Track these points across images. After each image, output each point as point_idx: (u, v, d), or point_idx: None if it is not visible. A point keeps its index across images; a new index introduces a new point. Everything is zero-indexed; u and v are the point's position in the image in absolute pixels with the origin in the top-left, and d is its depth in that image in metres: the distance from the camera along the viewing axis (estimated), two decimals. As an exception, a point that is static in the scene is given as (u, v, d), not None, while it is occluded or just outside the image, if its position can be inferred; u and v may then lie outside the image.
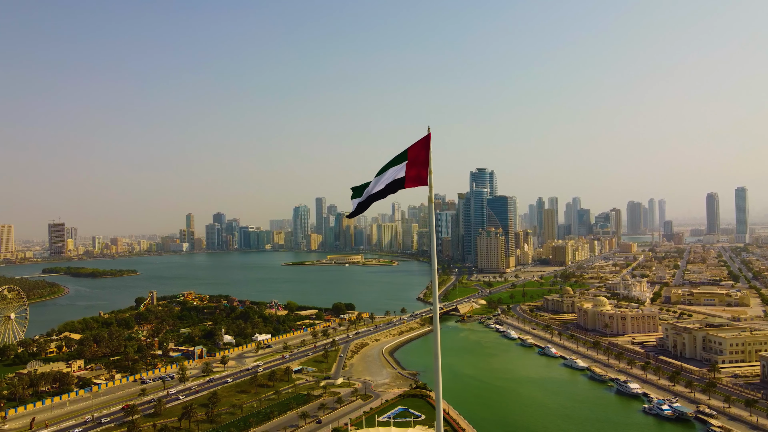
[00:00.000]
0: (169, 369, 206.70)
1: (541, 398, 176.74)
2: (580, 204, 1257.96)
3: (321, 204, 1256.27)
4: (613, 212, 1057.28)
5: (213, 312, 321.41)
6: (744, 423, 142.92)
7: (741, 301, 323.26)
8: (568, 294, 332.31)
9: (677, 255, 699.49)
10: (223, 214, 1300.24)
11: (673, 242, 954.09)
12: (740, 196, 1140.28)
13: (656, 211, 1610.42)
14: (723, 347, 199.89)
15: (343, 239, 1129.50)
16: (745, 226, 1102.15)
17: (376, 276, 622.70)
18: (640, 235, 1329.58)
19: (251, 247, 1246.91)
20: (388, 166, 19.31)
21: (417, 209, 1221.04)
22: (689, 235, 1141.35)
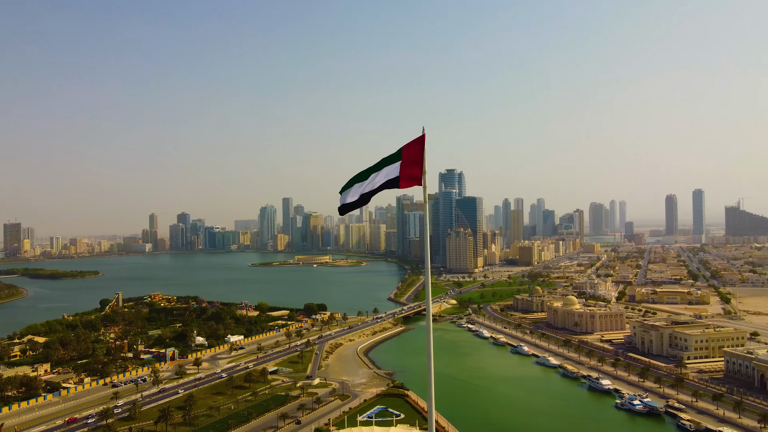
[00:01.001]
0: (140, 372, 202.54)
1: (517, 396, 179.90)
2: (544, 205, 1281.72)
3: (288, 204, 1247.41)
4: (576, 213, 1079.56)
5: (183, 313, 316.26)
6: (711, 416, 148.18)
7: (702, 299, 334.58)
8: (538, 293, 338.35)
9: (638, 255, 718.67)
10: (187, 215, 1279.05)
11: (634, 243, 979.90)
12: (697, 198, 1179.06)
13: (617, 212, 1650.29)
14: (689, 344, 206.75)
15: (310, 240, 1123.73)
16: (702, 227, 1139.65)
17: (346, 276, 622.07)
18: (602, 235, 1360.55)
19: (217, 247, 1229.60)
20: (381, 164, 19.03)
21: (384, 210, 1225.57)
22: (649, 235, 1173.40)
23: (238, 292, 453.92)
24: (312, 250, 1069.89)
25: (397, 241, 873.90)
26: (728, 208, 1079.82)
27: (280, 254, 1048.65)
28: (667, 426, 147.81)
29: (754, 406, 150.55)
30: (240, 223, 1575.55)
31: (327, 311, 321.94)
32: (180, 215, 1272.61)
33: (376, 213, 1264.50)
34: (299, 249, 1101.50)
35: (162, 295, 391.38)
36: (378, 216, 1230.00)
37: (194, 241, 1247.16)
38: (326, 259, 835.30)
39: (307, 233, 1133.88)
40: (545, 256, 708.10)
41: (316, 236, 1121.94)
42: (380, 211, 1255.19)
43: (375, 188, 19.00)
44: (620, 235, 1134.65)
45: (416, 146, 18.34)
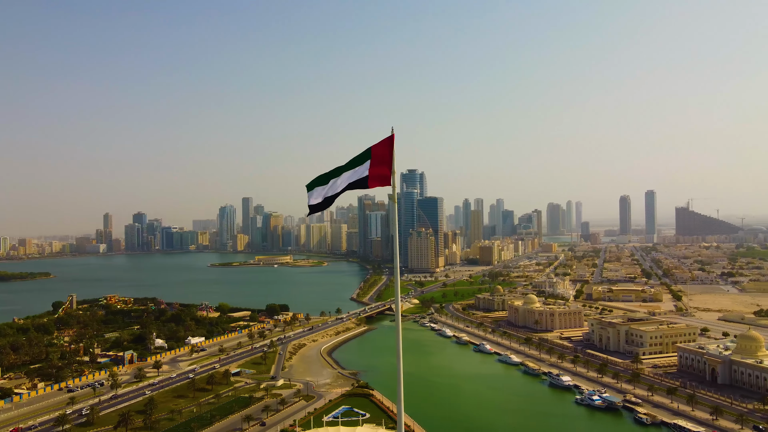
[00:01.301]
0: (97, 376, 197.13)
1: (481, 393, 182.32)
2: (503, 206, 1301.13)
3: (248, 204, 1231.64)
4: (534, 213, 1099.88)
5: (141, 315, 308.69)
6: (666, 409, 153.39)
7: (655, 297, 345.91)
8: (499, 292, 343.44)
9: (594, 254, 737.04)
10: (144, 214, 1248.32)
11: (590, 242, 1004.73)
12: (650, 199, 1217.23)
13: (573, 212, 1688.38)
14: (644, 340, 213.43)
15: (270, 240, 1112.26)
16: (654, 227, 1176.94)
17: (307, 277, 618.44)
18: (559, 235, 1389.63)
19: (175, 248, 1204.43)
20: (350, 164, 19.03)
21: (346, 210, 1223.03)
22: (604, 235, 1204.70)
23: (197, 293, 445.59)
24: (272, 250, 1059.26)
25: (359, 241, 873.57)
26: (678, 209, 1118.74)
27: (240, 254, 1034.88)
28: (624, 420, 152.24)
29: (706, 399, 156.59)
30: (198, 223, 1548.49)
31: (289, 312, 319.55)
32: (136, 215, 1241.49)
33: (338, 213, 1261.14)
34: (259, 249, 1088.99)
35: (118, 296, 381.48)
36: (339, 216, 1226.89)
37: (151, 242, 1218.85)
38: (287, 259, 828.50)
39: (267, 233, 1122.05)
40: (505, 255, 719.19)
41: (276, 236, 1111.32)
42: (341, 212, 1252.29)
43: (343, 187, 19.00)
44: (577, 234, 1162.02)
45: (385, 146, 18.42)
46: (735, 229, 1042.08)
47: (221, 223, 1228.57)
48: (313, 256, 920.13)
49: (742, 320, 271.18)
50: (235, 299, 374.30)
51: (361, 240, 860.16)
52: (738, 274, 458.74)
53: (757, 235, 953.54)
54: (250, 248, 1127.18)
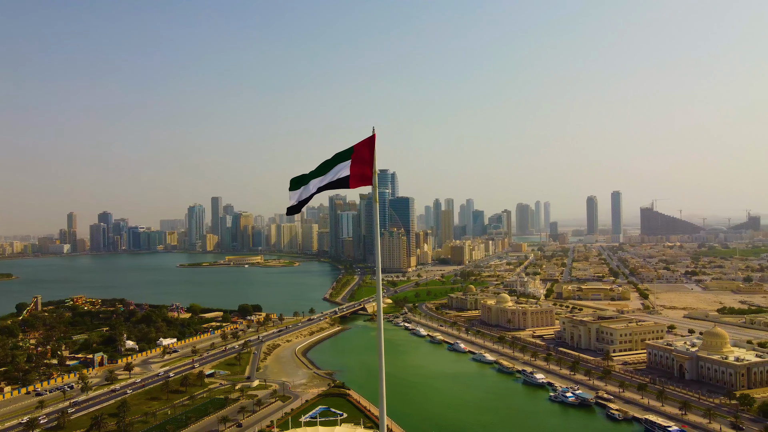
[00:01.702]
0: (66, 378, 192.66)
1: (456, 391, 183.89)
2: (473, 206, 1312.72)
3: (217, 204, 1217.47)
4: (504, 213, 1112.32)
5: (110, 317, 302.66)
6: (637, 405, 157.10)
7: (623, 295, 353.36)
8: (472, 292, 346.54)
9: (563, 254, 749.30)
10: (109, 214, 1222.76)
11: (559, 242, 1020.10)
12: (615, 199, 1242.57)
13: (542, 212, 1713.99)
14: (614, 337, 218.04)
15: (240, 240, 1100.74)
16: (620, 227, 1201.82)
17: (279, 277, 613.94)
18: (528, 235, 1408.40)
19: (142, 248, 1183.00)
20: (331, 162, 19.06)
21: (316, 210, 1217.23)
22: (571, 235, 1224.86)
23: (167, 293, 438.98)
24: (242, 250, 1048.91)
25: (330, 241, 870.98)
26: (643, 209, 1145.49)
27: (209, 255, 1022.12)
28: (597, 416, 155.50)
29: (675, 395, 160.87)
30: (166, 222, 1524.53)
31: (262, 312, 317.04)
32: (101, 214, 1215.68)
33: (308, 213, 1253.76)
34: (229, 249, 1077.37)
35: (85, 297, 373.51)
36: (310, 216, 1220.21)
37: (117, 242, 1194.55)
38: (258, 259, 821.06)
39: (237, 233, 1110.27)
40: (476, 255, 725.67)
41: (246, 236, 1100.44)
42: (312, 212, 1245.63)
43: (323, 185, 19.11)
44: (545, 234, 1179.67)
45: (366, 146, 18.48)
46: (697, 229, 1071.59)
47: (190, 222, 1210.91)
48: (284, 256, 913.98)
49: (706, 318, 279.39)
50: (206, 300, 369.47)
51: (333, 240, 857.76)
52: (701, 273, 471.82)
53: (717, 235, 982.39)
54: (220, 248, 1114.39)
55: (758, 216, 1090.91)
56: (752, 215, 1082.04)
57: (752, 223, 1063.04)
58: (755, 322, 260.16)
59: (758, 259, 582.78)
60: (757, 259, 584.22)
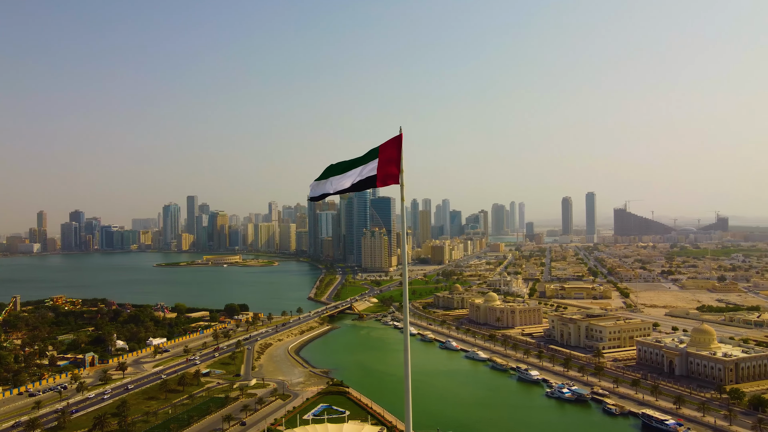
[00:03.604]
0: (59, 379, 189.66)
1: (453, 388, 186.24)
2: (449, 206, 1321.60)
3: (193, 202, 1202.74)
4: (481, 214, 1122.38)
5: (94, 316, 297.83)
6: (632, 400, 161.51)
7: (604, 294, 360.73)
8: (458, 291, 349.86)
9: (540, 254, 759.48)
10: (81, 212, 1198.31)
11: (535, 242, 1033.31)
12: (590, 200, 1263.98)
13: (517, 213, 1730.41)
14: (603, 335, 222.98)
15: (217, 239, 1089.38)
16: (594, 228, 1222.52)
17: (258, 276, 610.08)
18: (503, 235, 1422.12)
19: (115, 247, 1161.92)
20: (358, 161, 19.27)
21: (293, 209, 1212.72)
22: (546, 235, 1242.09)
23: (146, 293, 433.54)
24: (219, 249, 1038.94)
25: (309, 241, 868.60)
26: (617, 210, 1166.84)
27: (185, 254, 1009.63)
28: (594, 411, 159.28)
29: (668, 390, 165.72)
30: (139, 221, 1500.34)
31: (249, 311, 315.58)
32: (73, 213, 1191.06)
33: (285, 212, 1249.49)
34: (205, 249, 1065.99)
35: (66, 297, 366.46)
36: (287, 215, 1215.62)
37: (89, 241, 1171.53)
38: (236, 258, 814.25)
39: (213, 232, 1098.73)
40: (455, 255, 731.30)
41: (223, 236, 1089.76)
42: (288, 211, 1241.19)
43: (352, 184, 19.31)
44: (521, 234, 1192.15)
45: (394, 145, 18.63)
46: (668, 229, 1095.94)
47: (165, 222, 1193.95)
48: (262, 256, 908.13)
49: (687, 315, 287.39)
50: (189, 299, 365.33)
51: (312, 239, 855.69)
52: (676, 272, 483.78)
53: (688, 236, 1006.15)
54: (196, 248, 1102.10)
55: (726, 217, 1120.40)
56: (721, 216, 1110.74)
57: (721, 224, 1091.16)
58: (734, 320, 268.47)
59: (729, 258, 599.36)
60: (728, 258, 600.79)
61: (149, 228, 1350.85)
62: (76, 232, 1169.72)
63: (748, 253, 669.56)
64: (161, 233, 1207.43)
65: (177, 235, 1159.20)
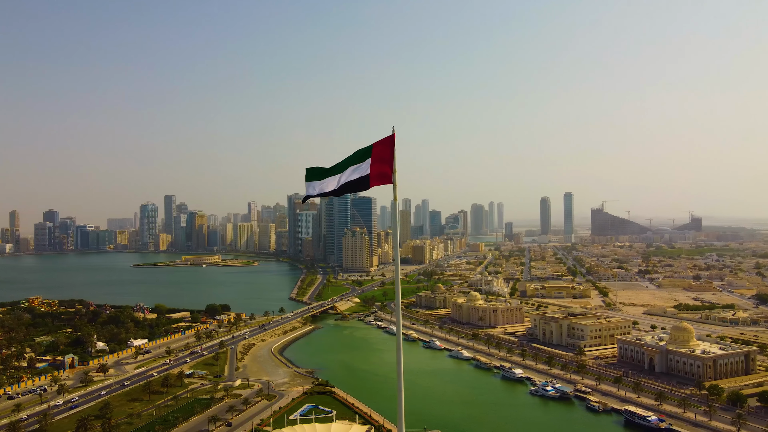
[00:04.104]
0: (38, 381, 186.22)
1: (438, 387, 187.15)
2: (429, 206, 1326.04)
3: (171, 202, 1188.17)
4: (461, 214, 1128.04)
5: (72, 318, 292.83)
6: (614, 397, 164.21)
7: (584, 293, 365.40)
8: (440, 291, 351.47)
9: (520, 254, 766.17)
10: (55, 212, 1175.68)
11: (514, 242, 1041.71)
12: (568, 200, 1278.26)
13: (495, 213, 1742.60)
14: (585, 333, 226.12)
15: (195, 239, 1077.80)
16: (572, 228, 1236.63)
17: (239, 276, 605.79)
18: (482, 235, 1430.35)
19: (90, 247, 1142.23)
20: (351, 160, 19.08)
21: (272, 209, 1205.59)
22: (525, 235, 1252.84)
23: (124, 294, 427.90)
24: (197, 249, 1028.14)
25: (289, 241, 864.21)
26: (594, 210, 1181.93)
27: (162, 254, 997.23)
28: (578, 408, 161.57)
29: (649, 387, 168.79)
30: (114, 221, 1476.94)
31: (231, 312, 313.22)
32: (47, 213, 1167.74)
33: (264, 212, 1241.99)
34: (183, 249, 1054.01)
35: (42, 298, 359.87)
36: (266, 215, 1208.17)
37: (64, 241, 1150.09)
38: (216, 259, 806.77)
39: (192, 232, 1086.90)
40: (436, 254, 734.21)
41: (201, 236, 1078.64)
42: (268, 211, 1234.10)
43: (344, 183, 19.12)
44: (501, 234, 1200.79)
45: (386, 145, 18.39)
46: (644, 229, 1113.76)
47: (142, 222, 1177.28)
48: (241, 256, 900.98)
49: (664, 314, 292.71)
50: (168, 300, 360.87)
51: (291, 239, 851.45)
52: (653, 271, 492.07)
53: (663, 236, 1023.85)
54: (174, 248, 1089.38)
55: (700, 218, 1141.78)
56: (695, 217, 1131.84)
57: (695, 224, 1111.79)
58: (711, 318, 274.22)
59: (703, 258, 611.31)
60: (702, 258, 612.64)
61: (125, 228, 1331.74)
62: (50, 232, 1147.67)
63: (721, 252, 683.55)
64: (138, 233, 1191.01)
65: (154, 235, 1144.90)
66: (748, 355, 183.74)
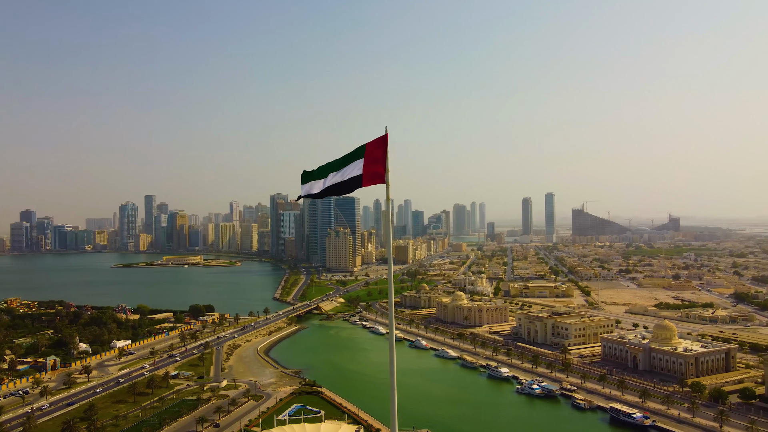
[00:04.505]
0: (19, 383, 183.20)
1: (425, 386, 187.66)
2: (411, 206, 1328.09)
3: (151, 202, 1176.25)
4: (443, 214, 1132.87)
5: (52, 319, 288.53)
6: (599, 395, 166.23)
7: (566, 292, 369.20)
8: (425, 290, 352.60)
9: (502, 254, 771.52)
10: (32, 212, 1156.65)
11: (496, 242, 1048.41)
12: (549, 201, 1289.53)
13: (477, 213, 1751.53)
14: (569, 332, 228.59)
15: (176, 239, 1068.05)
16: (554, 228, 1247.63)
17: (221, 277, 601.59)
18: (464, 235, 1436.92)
19: (69, 248, 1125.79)
20: (344, 160, 19.32)
21: (253, 209, 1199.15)
22: (506, 235, 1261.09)
23: (104, 295, 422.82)
24: (179, 250, 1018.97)
25: (271, 241, 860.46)
26: (575, 211, 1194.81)
27: (143, 255, 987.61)
28: (564, 406, 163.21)
29: (633, 384, 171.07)
30: (93, 221, 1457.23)
31: (215, 312, 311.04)
32: (23, 212, 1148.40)
33: (246, 212, 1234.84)
34: (164, 249, 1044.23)
35: (20, 299, 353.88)
36: (248, 215, 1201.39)
37: (41, 242, 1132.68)
38: (198, 259, 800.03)
39: (173, 232, 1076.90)
40: (419, 254, 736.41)
41: (183, 236, 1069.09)
42: (249, 211, 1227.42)
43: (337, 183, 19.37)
44: (483, 234, 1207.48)
45: (379, 145, 18.64)
46: (623, 229, 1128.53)
47: (122, 221, 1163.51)
48: (223, 256, 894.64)
49: (646, 312, 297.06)
50: (150, 301, 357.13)
51: (274, 240, 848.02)
52: (634, 271, 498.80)
53: (642, 235, 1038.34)
54: (154, 248, 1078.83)
55: (678, 218, 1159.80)
56: (673, 217, 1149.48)
57: (673, 224, 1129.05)
58: (691, 316, 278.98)
59: (682, 257, 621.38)
60: (681, 257, 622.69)
61: (104, 228, 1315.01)
62: (27, 232, 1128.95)
63: (699, 252, 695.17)
64: (118, 233, 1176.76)
65: (135, 235, 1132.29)
66: (729, 352, 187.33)
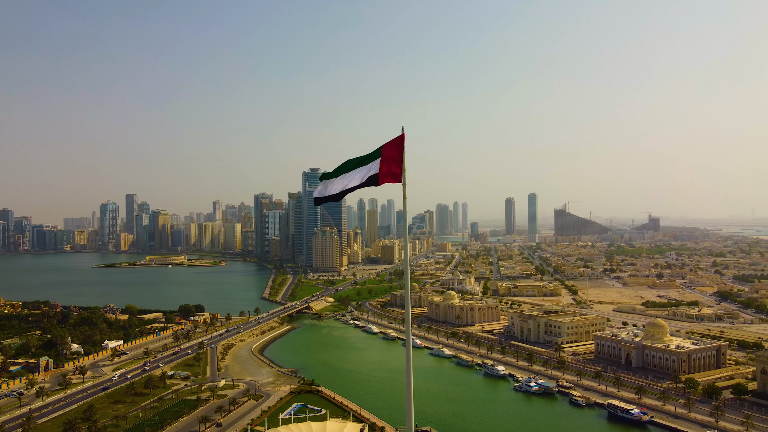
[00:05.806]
0: (12, 385, 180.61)
1: (421, 384, 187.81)
2: (394, 206, 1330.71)
3: (132, 201, 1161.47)
4: (427, 214, 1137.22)
5: (40, 319, 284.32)
6: (596, 392, 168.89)
7: (554, 291, 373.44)
8: (415, 290, 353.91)
9: (486, 253, 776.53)
10: (10, 211, 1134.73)
11: (480, 242, 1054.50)
12: (532, 201, 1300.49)
13: (460, 213, 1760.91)
14: (562, 330, 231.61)
15: (158, 239, 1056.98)
16: (536, 228, 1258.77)
17: (206, 276, 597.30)
18: (447, 235, 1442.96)
19: (47, 248, 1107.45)
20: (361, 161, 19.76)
21: (236, 209, 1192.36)
22: (489, 235, 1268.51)
23: (89, 295, 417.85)
24: (161, 250, 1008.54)
25: (256, 241, 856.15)
26: (557, 211, 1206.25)
27: (124, 255, 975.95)
28: (561, 403, 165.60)
29: (628, 381, 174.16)
30: (71, 221, 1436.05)
31: (205, 312, 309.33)
32: (1, 212, 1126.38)
33: (229, 212, 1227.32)
34: (146, 249, 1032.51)
35: (4, 300, 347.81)
36: (231, 215, 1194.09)
37: (19, 241, 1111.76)
38: (181, 259, 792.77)
39: (155, 232, 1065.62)
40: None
41: (165, 235, 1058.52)
42: (232, 210, 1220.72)
43: (355, 185, 19.85)
44: (466, 234, 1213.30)
45: (395, 145, 19.11)
46: (605, 229, 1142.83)
47: (102, 221, 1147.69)
48: (207, 256, 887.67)
49: (633, 311, 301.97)
50: (135, 301, 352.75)
51: (258, 239, 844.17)
52: (618, 269, 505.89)
53: (623, 235, 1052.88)
54: (136, 248, 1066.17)
55: (658, 218, 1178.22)
56: (653, 217, 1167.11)
57: (653, 224, 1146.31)
58: (678, 314, 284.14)
59: (663, 257, 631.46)
60: (662, 257, 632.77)
61: (83, 228, 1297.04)
62: (4, 232, 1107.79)
63: (679, 251, 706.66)
64: (98, 233, 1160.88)
65: (115, 234, 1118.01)
66: (719, 349, 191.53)
